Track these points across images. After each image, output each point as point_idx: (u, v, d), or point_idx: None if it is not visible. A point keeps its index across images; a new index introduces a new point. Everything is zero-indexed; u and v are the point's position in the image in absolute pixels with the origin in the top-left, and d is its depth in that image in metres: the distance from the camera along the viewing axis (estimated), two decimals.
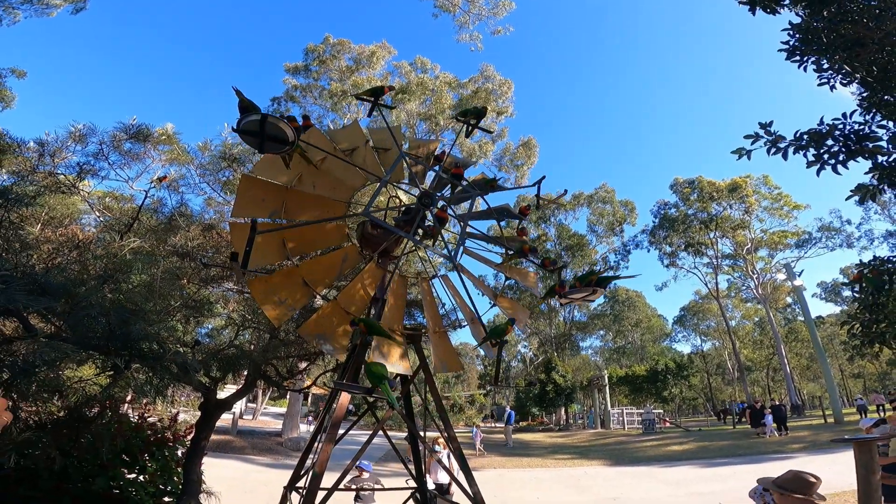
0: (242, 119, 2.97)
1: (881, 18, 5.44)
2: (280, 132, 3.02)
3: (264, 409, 37.54)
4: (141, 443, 5.46)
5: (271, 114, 2.99)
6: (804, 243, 37.69)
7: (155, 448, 5.61)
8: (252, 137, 3.00)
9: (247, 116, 2.95)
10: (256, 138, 2.98)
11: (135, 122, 5.47)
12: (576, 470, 14.44)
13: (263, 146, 3.03)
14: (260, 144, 3.02)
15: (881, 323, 6.47)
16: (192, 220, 7.00)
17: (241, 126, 2.97)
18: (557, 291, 3.75)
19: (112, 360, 3.68)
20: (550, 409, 34.55)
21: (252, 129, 2.96)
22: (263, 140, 2.99)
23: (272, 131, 2.99)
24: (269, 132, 2.98)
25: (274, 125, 2.98)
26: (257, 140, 2.99)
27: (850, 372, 51.80)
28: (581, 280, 3.66)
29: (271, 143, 3.03)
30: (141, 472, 5.36)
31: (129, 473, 5.22)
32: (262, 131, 2.95)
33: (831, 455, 12.36)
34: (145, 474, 5.36)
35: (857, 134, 5.55)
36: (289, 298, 3.24)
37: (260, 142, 3.00)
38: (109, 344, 3.65)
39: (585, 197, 39.36)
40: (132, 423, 5.81)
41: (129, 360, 4.06)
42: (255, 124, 2.95)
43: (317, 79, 24.97)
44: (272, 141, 3.03)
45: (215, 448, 14.54)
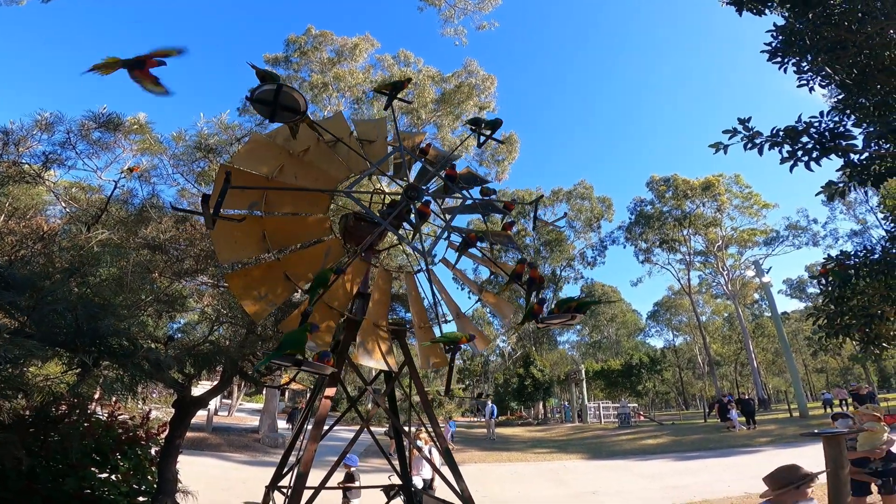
0: (258, 88, 3.10)
1: (864, 21, 5.57)
2: (294, 102, 3.18)
3: (240, 405, 36.88)
4: (112, 441, 5.30)
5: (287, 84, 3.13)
6: (772, 241, 39.08)
7: (127, 447, 5.46)
8: (264, 106, 3.12)
9: (262, 85, 3.09)
10: (269, 107, 3.11)
11: (105, 110, 5.23)
12: (555, 464, 14.65)
13: (275, 115, 3.15)
14: (272, 113, 3.14)
15: (845, 316, 6.71)
16: (165, 212, 6.76)
17: (255, 95, 3.10)
18: (535, 312, 3.74)
19: (80, 357, 3.51)
20: (529, 403, 34.99)
21: (265, 99, 3.09)
22: (276, 109, 3.12)
23: (286, 101, 3.13)
24: (283, 102, 3.12)
25: (288, 95, 3.13)
26: (269, 109, 3.12)
27: (813, 367, 54.12)
28: (560, 306, 3.65)
29: (283, 112, 3.16)
30: (113, 471, 5.22)
31: (100, 473, 5.06)
32: (276, 100, 3.09)
33: (798, 448, 12.84)
34: (117, 474, 5.21)
35: (831, 131, 5.68)
36: (269, 293, 3.15)
37: (272, 111, 3.13)
38: (77, 340, 3.48)
39: (564, 193, 39.84)
40: (102, 422, 5.63)
41: (97, 358, 3.89)
42: (269, 93, 3.09)
43: (297, 70, 24.50)
44: (284, 110, 3.16)
45: (190, 446, 14.21)
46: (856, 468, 5.91)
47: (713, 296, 47.14)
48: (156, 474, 5.59)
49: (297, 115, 3.23)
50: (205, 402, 7.34)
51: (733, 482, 9.63)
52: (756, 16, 6.76)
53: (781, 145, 5.85)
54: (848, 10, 5.87)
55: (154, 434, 6.10)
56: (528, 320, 3.75)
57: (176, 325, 8.80)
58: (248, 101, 3.27)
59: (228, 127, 6.36)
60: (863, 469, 5.97)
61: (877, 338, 6.56)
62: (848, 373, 51.54)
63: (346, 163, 3.74)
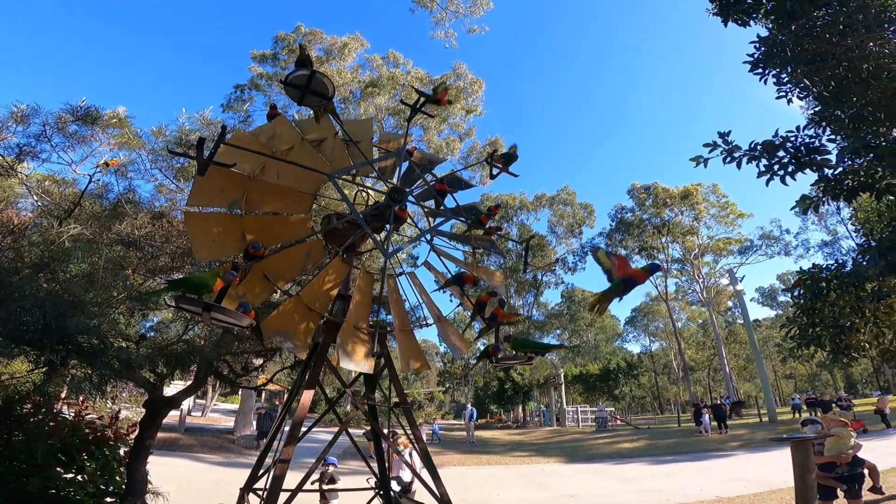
0: (293, 72, 3.44)
1: (845, 33, 5.70)
2: (324, 88, 3.53)
3: (214, 405, 36.07)
4: (79, 441, 5.19)
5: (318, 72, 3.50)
6: (746, 250, 40.28)
7: (94, 447, 5.33)
8: (295, 90, 3.45)
9: (298, 70, 3.42)
10: (299, 91, 3.45)
11: (83, 103, 5.08)
12: (534, 467, 14.73)
13: (304, 99, 3.51)
14: (301, 97, 3.49)
15: (817, 326, 6.91)
16: (141, 208, 6.58)
17: (289, 79, 3.42)
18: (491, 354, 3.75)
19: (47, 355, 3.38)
20: (508, 406, 35.13)
21: (298, 83, 3.40)
22: (305, 94, 3.47)
23: (317, 87, 3.49)
24: (314, 87, 3.47)
25: (320, 81, 3.48)
26: (299, 93, 3.46)
27: (782, 373, 55.75)
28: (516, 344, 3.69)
29: (312, 96, 3.51)
30: (79, 471, 5.08)
31: (66, 473, 4.94)
32: (308, 86, 3.42)
33: (767, 453, 13.20)
34: (84, 474, 5.07)
35: (807, 146, 5.82)
36: (247, 293, 3.08)
37: (301, 95, 3.48)
38: (44, 338, 3.36)
39: (548, 198, 40.24)
40: (69, 421, 5.47)
41: (65, 356, 3.75)
42: (302, 78, 3.41)
43: (284, 68, 24.21)
44: (313, 95, 3.51)
45: (162, 446, 13.86)
46: (823, 473, 6.08)
47: (689, 303, 48.21)
48: (124, 475, 5.47)
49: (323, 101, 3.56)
50: (177, 402, 7.16)
51: (705, 486, 9.83)
52: (741, 27, 6.85)
53: (759, 159, 5.99)
54: (831, 21, 5.96)
55: (123, 434, 5.96)
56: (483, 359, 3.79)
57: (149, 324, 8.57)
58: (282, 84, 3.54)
59: (211, 123, 6.24)
60: (829, 473, 6.15)
61: (846, 348, 6.77)
62: (816, 379, 53.28)
63: (330, 163, 3.70)
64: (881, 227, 8.43)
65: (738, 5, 6.60)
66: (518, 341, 3.73)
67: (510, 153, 4.53)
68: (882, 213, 9.13)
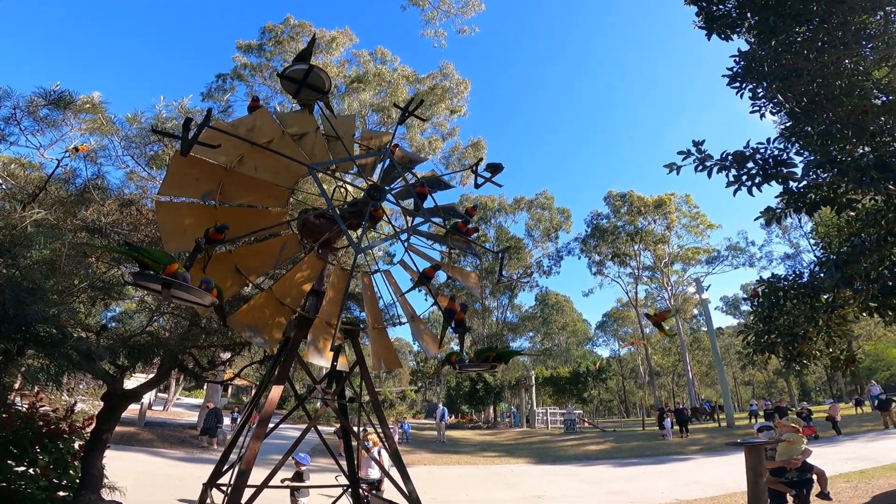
0: (290, 66, 3.48)
1: (822, 50, 5.90)
2: (321, 82, 3.57)
3: (177, 399, 35.03)
4: (32, 434, 5.00)
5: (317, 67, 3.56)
6: (713, 260, 41.68)
7: (48, 440, 5.16)
8: (291, 83, 3.50)
9: (295, 64, 3.46)
10: (295, 85, 3.49)
11: (58, 87, 4.91)
12: (503, 467, 14.90)
13: (300, 93, 3.52)
14: (297, 91, 3.51)
15: (772, 334, 7.22)
16: (110, 194, 6.36)
17: (286, 72, 3.46)
18: (452, 362, 3.83)
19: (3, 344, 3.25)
20: (480, 406, 35.36)
21: (294, 77, 3.44)
22: (301, 88, 3.50)
23: (314, 81, 3.53)
24: (311, 81, 3.51)
25: (317, 75, 3.52)
26: (295, 87, 3.50)
27: (741, 380, 57.94)
28: (479, 355, 3.75)
29: (308, 90, 3.54)
30: (32, 465, 4.91)
31: (17, 466, 4.78)
32: (304, 80, 3.46)
33: (725, 457, 13.70)
34: (36, 467, 4.91)
35: (775, 158, 5.99)
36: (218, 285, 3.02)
37: (297, 88, 3.51)
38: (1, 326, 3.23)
39: (526, 202, 40.67)
40: (22, 413, 5.28)
41: (22, 345, 3.61)
42: (300, 73, 3.44)
43: (269, 59, 23.80)
44: (309, 89, 3.54)
45: (119, 440, 13.42)
46: (773, 477, 6.36)
47: (657, 310, 49.52)
48: (79, 469, 5.31)
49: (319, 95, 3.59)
50: (138, 395, 6.94)
51: (666, 489, 10.14)
52: (724, 41, 6.93)
53: (729, 169, 6.17)
54: (810, 38, 6.11)
55: (78, 427, 5.79)
56: (445, 365, 3.89)
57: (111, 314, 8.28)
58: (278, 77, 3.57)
59: (189, 112, 6.09)
60: (780, 478, 6.43)
61: (799, 355, 7.08)
62: (772, 386, 55.53)
63: (311, 157, 3.66)
64: (840, 242, 8.84)
65: (724, 19, 6.76)
66: (478, 352, 3.81)
67: (497, 164, 4.57)
68: (841, 227, 9.59)
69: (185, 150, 2.72)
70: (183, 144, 2.71)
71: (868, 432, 16.86)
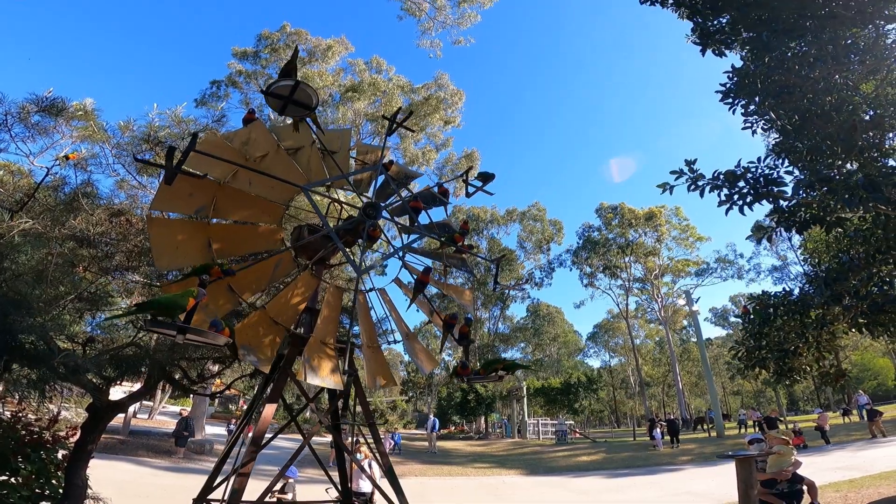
0: (276, 82, 3.32)
1: (813, 66, 5.96)
2: (308, 98, 3.42)
3: (163, 407, 34.40)
4: (14, 444, 4.89)
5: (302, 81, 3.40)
6: (703, 272, 42.12)
7: (30, 449, 5.04)
8: (276, 100, 3.34)
9: (281, 80, 3.31)
10: (280, 101, 3.34)
11: (50, 94, 4.85)
12: (494, 479, 14.80)
13: (286, 109, 3.39)
14: (283, 107, 3.37)
15: (763, 349, 7.28)
16: (99, 203, 6.27)
17: (271, 88, 3.31)
18: (460, 374, 3.84)
19: None
20: (471, 417, 35.16)
21: (280, 94, 3.30)
22: (287, 104, 3.35)
23: (301, 97, 3.38)
24: (298, 97, 3.37)
25: (304, 91, 3.36)
26: (281, 103, 3.35)
27: (731, 389, 58.30)
28: (486, 367, 3.79)
29: (294, 106, 3.40)
30: (14, 474, 4.80)
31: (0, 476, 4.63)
32: (290, 96, 3.32)
33: (714, 467, 13.73)
34: (18, 477, 4.79)
35: (765, 177, 6.05)
36: (210, 304, 2.98)
37: (283, 105, 3.36)
38: None
39: (518, 213, 40.86)
40: (4, 422, 5.16)
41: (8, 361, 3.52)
42: (285, 89, 3.29)
43: (265, 66, 23.81)
44: (296, 105, 3.40)
45: (103, 449, 13.11)
46: (764, 489, 6.38)
47: (647, 321, 49.84)
48: (62, 479, 5.19)
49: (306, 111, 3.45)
50: (124, 406, 6.80)
51: (657, 500, 10.13)
52: (718, 57, 6.96)
53: (721, 189, 6.22)
54: (803, 53, 6.17)
55: (62, 437, 5.67)
56: (454, 377, 3.89)
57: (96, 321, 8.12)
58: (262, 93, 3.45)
59: (183, 121, 6.04)
60: (770, 490, 6.46)
61: (790, 371, 7.14)
62: (761, 395, 55.93)
63: (305, 173, 3.64)
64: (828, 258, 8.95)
65: (718, 35, 6.84)
66: (486, 363, 3.81)
67: (487, 172, 4.61)
68: (830, 244, 9.72)
69: (168, 179, 2.69)
70: (167, 174, 2.67)
71: (856, 441, 17.01)
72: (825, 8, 5.81)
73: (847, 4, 5.82)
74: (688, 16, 7.41)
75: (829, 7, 5.80)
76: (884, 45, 6.21)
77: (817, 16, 5.84)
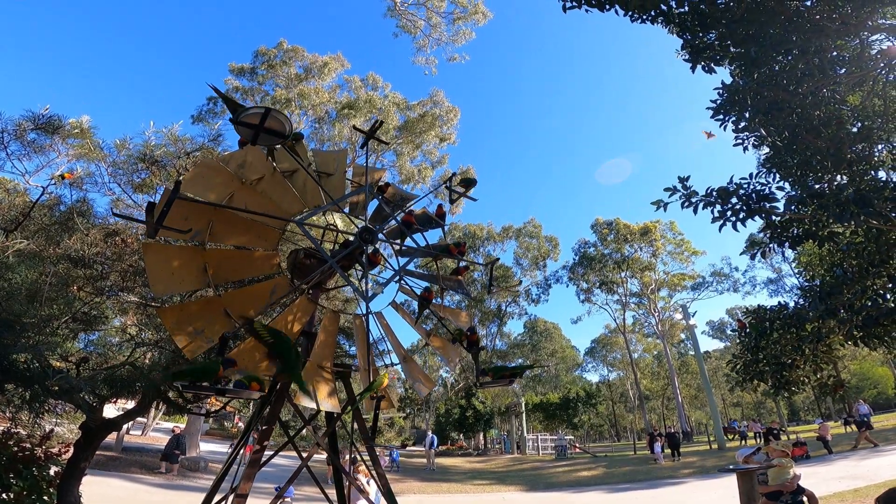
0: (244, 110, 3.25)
1: (801, 80, 6.04)
2: (280, 126, 3.32)
3: (157, 424, 33.81)
4: (6, 460, 4.82)
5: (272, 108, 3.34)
6: (699, 286, 42.18)
7: (22, 466, 4.96)
8: (247, 128, 3.26)
9: (250, 109, 3.25)
10: (252, 130, 3.25)
11: (47, 111, 4.88)
12: (494, 495, 14.58)
13: (257, 139, 3.30)
14: (254, 136, 3.27)
15: (760, 363, 7.28)
16: (94, 222, 6.26)
17: (239, 117, 3.23)
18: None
19: None
20: (469, 433, 34.77)
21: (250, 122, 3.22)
22: (259, 132, 3.25)
23: (272, 125, 3.28)
24: (269, 125, 3.27)
25: (275, 119, 3.28)
26: (252, 132, 3.26)
27: (730, 401, 58.02)
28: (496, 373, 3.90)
29: (266, 135, 3.30)
30: (5, 490, 4.72)
31: None
32: (261, 125, 3.23)
33: (717, 480, 13.58)
34: (10, 493, 4.71)
35: (758, 193, 6.10)
36: (206, 329, 2.96)
37: (255, 134, 3.26)
38: None
39: (514, 230, 40.89)
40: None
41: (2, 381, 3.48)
42: (255, 117, 3.21)
43: (262, 83, 24.06)
44: (268, 133, 3.29)
45: (96, 465, 12.87)
46: (769, 501, 6.33)
47: (645, 335, 49.72)
48: (54, 496, 5.09)
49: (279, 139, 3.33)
50: (118, 425, 6.71)
51: None
52: (708, 73, 6.99)
53: (714, 205, 6.28)
54: (790, 67, 6.24)
55: (54, 454, 5.60)
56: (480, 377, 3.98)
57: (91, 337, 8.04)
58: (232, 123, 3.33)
59: (179, 139, 6.08)
60: (775, 502, 6.38)
61: (787, 383, 7.13)
62: (761, 406, 55.66)
63: (301, 195, 3.66)
64: (822, 272, 9.00)
65: (708, 51, 6.94)
66: (494, 371, 3.89)
67: (469, 178, 4.68)
68: (824, 257, 9.78)
69: (151, 233, 2.72)
70: (148, 229, 2.70)
71: (860, 450, 16.88)
72: (810, 21, 5.92)
73: (831, 17, 5.92)
74: (677, 32, 7.53)
75: (814, 20, 5.91)
76: (868, 55, 6.32)
77: (804, 29, 5.94)
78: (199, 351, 2.90)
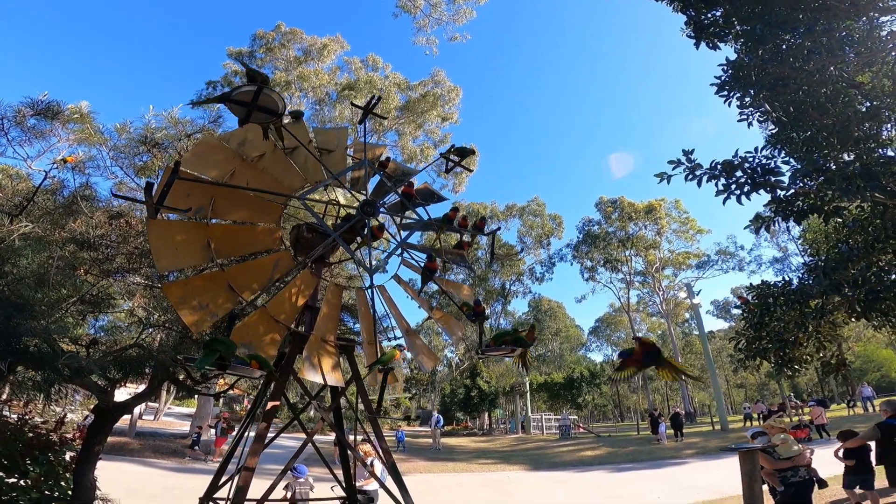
0: (237, 88, 3.14)
1: (808, 58, 5.93)
2: (272, 103, 3.20)
3: (168, 409, 34.56)
4: (22, 446, 4.96)
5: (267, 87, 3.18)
6: (704, 265, 42.03)
7: (38, 451, 5.12)
8: (240, 107, 3.13)
9: (242, 87, 3.14)
10: (245, 108, 3.12)
11: (45, 97, 4.88)
12: (499, 475, 14.85)
13: (250, 116, 3.18)
14: (247, 114, 3.16)
15: (763, 340, 7.29)
16: (98, 206, 6.30)
17: (232, 95, 3.12)
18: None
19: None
20: (475, 413, 35.26)
21: (243, 100, 3.09)
22: (252, 110, 3.13)
23: (265, 102, 3.16)
24: (262, 103, 3.15)
25: (268, 96, 3.16)
26: (245, 110, 3.13)
27: (734, 382, 58.30)
28: (496, 339, 3.90)
29: (259, 113, 3.17)
30: (23, 476, 4.86)
31: (8, 478, 4.77)
32: (254, 102, 3.11)
33: (719, 461, 13.76)
34: (27, 479, 4.86)
35: (763, 167, 6.03)
36: (210, 303, 3.00)
37: (248, 111, 3.14)
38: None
39: (518, 209, 40.83)
40: (11, 425, 5.22)
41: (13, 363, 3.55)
42: (247, 94, 3.09)
43: (261, 66, 23.81)
44: (261, 111, 3.17)
45: (110, 451, 13.23)
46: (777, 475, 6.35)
47: (649, 314, 49.83)
48: (70, 480, 5.25)
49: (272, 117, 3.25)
50: (130, 408, 6.85)
51: (662, 493, 10.16)
52: (711, 49, 6.91)
53: (718, 178, 6.22)
54: (797, 45, 6.13)
55: (69, 439, 5.74)
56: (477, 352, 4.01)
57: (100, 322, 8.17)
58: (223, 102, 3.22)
59: (179, 122, 6.06)
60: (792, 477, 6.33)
61: (790, 361, 7.14)
62: (765, 388, 55.98)
63: (302, 172, 3.66)
64: (827, 248, 8.94)
65: (711, 28, 6.82)
66: (495, 336, 3.92)
67: (465, 148, 4.68)
68: (829, 234, 9.70)
69: (151, 213, 2.74)
70: (149, 209, 2.72)
71: None
72: (818, 0, 5.79)
73: None
74: (681, 9, 7.38)
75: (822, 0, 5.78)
76: (878, 36, 6.18)
77: (811, 8, 5.81)
78: (204, 325, 2.94)
